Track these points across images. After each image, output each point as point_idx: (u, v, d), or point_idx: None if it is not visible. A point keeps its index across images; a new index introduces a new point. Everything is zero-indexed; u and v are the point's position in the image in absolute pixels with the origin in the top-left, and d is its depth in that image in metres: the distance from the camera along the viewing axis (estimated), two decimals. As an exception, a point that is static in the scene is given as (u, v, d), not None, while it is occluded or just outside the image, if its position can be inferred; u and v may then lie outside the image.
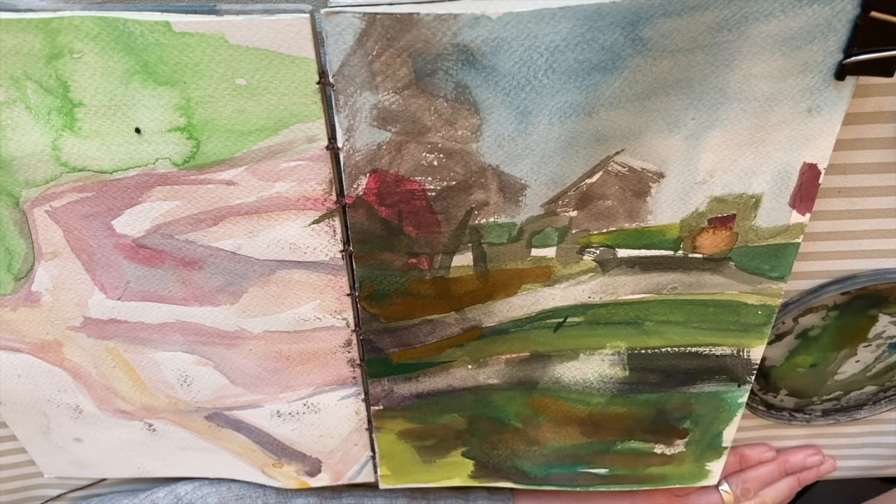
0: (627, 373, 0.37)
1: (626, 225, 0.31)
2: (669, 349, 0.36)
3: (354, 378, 0.37)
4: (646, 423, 0.39)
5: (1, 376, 0.37)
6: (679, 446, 0.40)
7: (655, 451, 0.40)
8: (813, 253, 0.36)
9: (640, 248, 0.32)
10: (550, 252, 0.32)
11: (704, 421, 0.39)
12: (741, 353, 0.36)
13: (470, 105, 0.27)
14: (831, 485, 0.53)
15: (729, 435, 0.40)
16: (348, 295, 0.33)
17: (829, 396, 0.45)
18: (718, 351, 0.36)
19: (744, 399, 0.38)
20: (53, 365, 0.37)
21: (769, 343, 0.41)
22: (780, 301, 0.34)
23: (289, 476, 0.42)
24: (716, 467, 0.41)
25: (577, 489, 0.43)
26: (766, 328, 0.35)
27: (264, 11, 0.25)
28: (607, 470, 0.41)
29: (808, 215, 0.31)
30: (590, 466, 0.41)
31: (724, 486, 0.42)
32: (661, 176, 0.30)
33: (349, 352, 0.36)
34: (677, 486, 0.42)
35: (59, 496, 0.47)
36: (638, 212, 0.31)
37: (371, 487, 0.45)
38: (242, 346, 0.35)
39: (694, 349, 0.36)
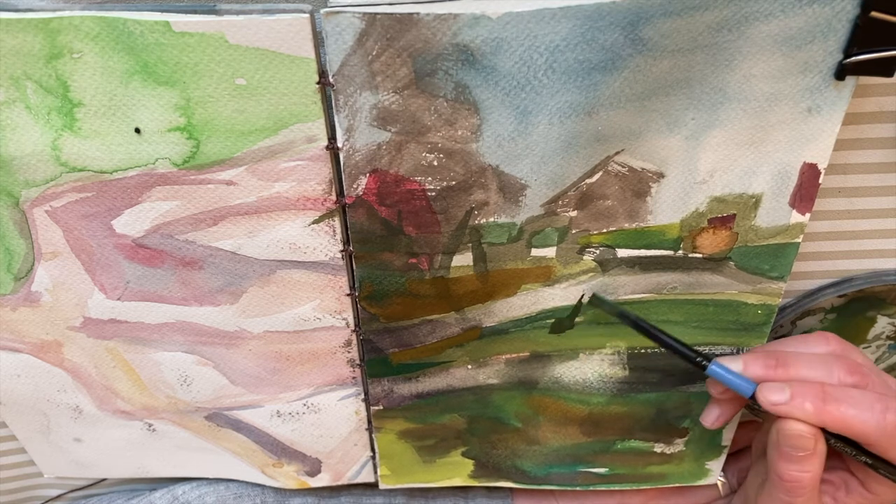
0: (627, 372, 0.37)
1: (626, 225, 0.31)
2: None
3: (354, 378, 0.37)
4: (646, 422, 0.39)
5: (1, 376, 0.37)
6: (679, 445, 0.40)
7: (655, 449, 0.40)
8: (813, 253, 0.36)
9: (640, 248, 0.32)
10: (550, 252, 0.32)
11: None
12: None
13: (470, 105, 0.27)
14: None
15: (728, 434, 0.40)
16: (348, 295, 0.33)
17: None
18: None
19: None
20: (53, 365, 0.37)
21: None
22: (780, 300, 0.34)
23: (289, 476, 0.42)
24: (715, 466, 0.41)
25: (577, 488, 0.43)
26: (766, 327, 0.35)
27: (264, 11, 0.25)
28: (607, 469, 0.41)
29: (808, 215, 0.31)
30: (590, 466, 0.41)
31: (721, 477, 0.42)
32: (661, 176, 0.30)
33: (349, 352, 0.36)
34: (677, 485, 0.42)
35: (58, 496, 0.47)
36: (638, 212, 0.31)
37: (370, 487, 0.45)
38: (242, 346, 0.35)
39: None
